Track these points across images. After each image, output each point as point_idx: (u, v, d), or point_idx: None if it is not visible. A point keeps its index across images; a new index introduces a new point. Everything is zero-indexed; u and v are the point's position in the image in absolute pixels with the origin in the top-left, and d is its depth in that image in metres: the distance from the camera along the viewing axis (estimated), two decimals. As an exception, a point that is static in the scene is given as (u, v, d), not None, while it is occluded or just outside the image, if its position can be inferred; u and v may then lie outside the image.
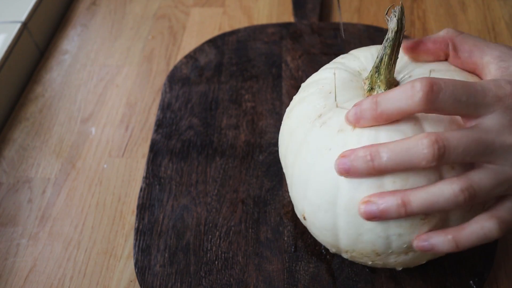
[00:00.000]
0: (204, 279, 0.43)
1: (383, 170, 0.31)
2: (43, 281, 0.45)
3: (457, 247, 0.32)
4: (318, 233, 0.37)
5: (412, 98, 0.30)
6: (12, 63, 0.61)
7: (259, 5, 0.70)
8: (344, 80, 0.38)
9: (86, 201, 0.50)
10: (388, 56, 0.35)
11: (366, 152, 0.31)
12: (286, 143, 0.39)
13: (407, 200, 0.31)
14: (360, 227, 0.34)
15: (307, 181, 0.35)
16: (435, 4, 0.68)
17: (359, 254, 0.36)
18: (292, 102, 0.41)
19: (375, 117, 0.32)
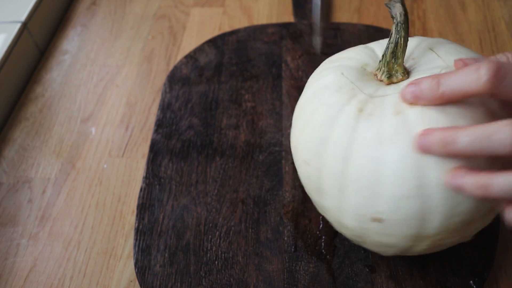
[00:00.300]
0: (204, 279, 0.43)
1: (461, 154, 0.31)
2: (43, 281, 0.45)
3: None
4: (396, 230, 0.34)
5: (478, 80, 0.29)
6: (12, 63, 0.61)
7: (259, 5, 0.70)
8: (357, 76, 0.37)
9: (86, 201, 0.50)
10: (403, 38, 0.35)
11: (445, 134, 0.30)
12: (317, 155, 0.36)
13: (489, 183, 0.30)
14: (457, 198, 0.32)
15: (377, 178, 0.33)
16: (435, 4, 0.68)
17: (448, 234, 0.34)
18: (301, 116, 0.38)
19: (435, 97, 0.31)
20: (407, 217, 0.33)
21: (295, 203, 0.47)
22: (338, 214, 0.36)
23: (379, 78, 0.37)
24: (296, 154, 0.39)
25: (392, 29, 0.36)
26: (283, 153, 0.51)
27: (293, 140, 0.40)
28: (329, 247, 0.44)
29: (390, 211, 0.33)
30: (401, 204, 0.33)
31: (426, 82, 0.32)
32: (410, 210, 0.33)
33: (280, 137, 0.52)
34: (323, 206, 0.38)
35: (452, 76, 0.31)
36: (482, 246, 0.43)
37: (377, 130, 0.33)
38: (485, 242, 0.43)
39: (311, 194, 0.39)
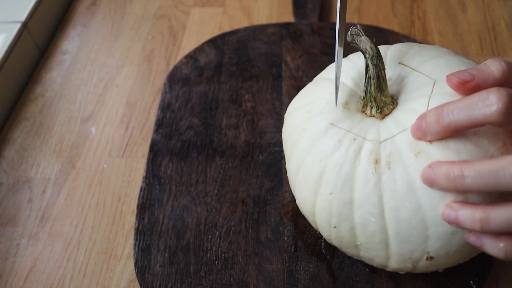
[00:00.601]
0: (204, 279, 0.43)
1: (466, 190, 0.30)
2: (43, 281, 0.45)
3: (509, 256, 0.31)
4: (449, 261, 0.34)
5: (489, 108, 0.28)
6: (12, 63, 0.61)
7: (259, 5, 0.70)
8: (347, 121, 0.36)
9: (86, 201, 0.50)
10: (383, 70, 0.35)
11: (450, 169, 0.30)
12: (346, 217, 0.35)
13: (485, 217, 0.29)
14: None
15: (421, 224, 0.32)
16: (435, 4, 0.68)
17: None
18: (306, 179, 0.36)
19: (442, 129, 0.30)
20: (460, 246, 0.33)
21: (295, 203, 0.47)
22: (384, 261, 0.36)
23: (369, 114, 0.36)
24: (314, 217, 0.38)
25: (367, 63, 0.35)
26: (283, 153, 0.51)
27: (306, 204, 0.38)
28: (329, 247, 0.44)
29: (442, 248, 0.33)
30: (452, 239, 0.32)
31: (430, 115, 0.31)
32: (461, 241, 0.32)
33: (280, 137, 0.52)
34: (363, 256, 0.37)
35: (457, 104, 0.30)
36: (482, 246, 0.43)
37: (404, 177, 0.32)
38: (485, 242, 0.43)
39: (344, 249, 0.38)
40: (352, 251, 0.37)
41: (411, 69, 0.36)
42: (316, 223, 0.38)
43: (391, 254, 0.35)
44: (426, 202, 0.32)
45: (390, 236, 0.34)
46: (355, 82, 0.38)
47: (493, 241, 0.31)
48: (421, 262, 0.34)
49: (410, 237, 0.33)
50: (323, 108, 0.37)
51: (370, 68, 0.34)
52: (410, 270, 0.36)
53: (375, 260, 0.37)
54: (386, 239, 0.34)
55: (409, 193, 0.32)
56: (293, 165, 0.38)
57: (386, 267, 0.37)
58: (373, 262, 0.37)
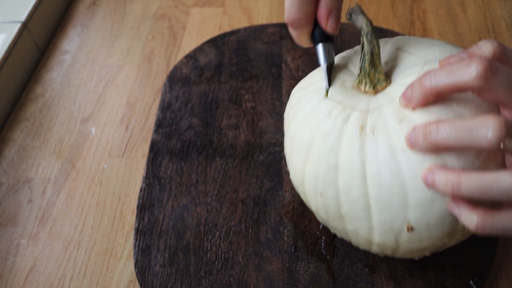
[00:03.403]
0: (204, 279, 0.43)
1: (444, 146, 0.31)
2: (43, 281, 0.45)
3: (479, 229, 0.31)
4: (431, 234, 0.34)
5: (469, 73, 0.29)
6: (12, 63, 0.61)
7: (259, 5, 0.70)
8: (341, 94, 0.37)
9: (86, 201, 0.50)
10: (377, 46, 0.36)
11: (427, 127, 0.31)
12: (331, 183, 0.35)
13: (458, 181, 0.30)
14: None
15: (401, 189, 0.33)
16: (435, 4, 0.68)
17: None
18: (298, 149, 0.37)
19: (425, 94, 0.32)
20: (440, 217, 0.33)
21: (295, 203, 0.47)
22: (368, 234, 0.36)
23: (363, 91, 0.37)
24: (303, 187, 0.38)
25: (363, 40, 0.36)
26: (283, 153, 0.51)
27: (296, 174, 0.39)
28: (329, 247, 0.44)
29: (422, 217, 0.33)
30: (431, 207, 0.33)
31: (416, 82, 0.32)
32: (441, 210, 0.33)
33: (280, 137, 0.52)
34: (348, 231, 0.37)
35: (441, 70, 0.31)
36: (482, 246, 0.43)
37: (386, 142, 0.33)
38: (485, 242, 0.43)
39: (330, 222, 0.38)
40: (338, 223, 0.37)
41: (407, 53, 0.37)
42: (306, 194, 0.38)
43: (374, 224, 0.35)
44: (406, 166, 0.32)
45: (371, 203, 0.34)
46: (354, 65, 0.40)
47: (469, 212, 0.31)
48: (403, 235, 0.34)
49: (390, 203, 0.33)
50: (319, 85, 0.38)
51: (365, 45, 0.36)
52: (393, 247, 0.36)
53: (359, 233, 0.36)
54: (368, 206, 0.34)
55: (390, 157, 0.33)
56: (288, 138, 0.40)
57: (370, 244, 0.37)
58: (358, 237, 0.37)
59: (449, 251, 0.42)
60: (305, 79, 0.42)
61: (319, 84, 0.38)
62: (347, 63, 0.40)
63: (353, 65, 0.40)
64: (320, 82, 0.38)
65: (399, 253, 0.37)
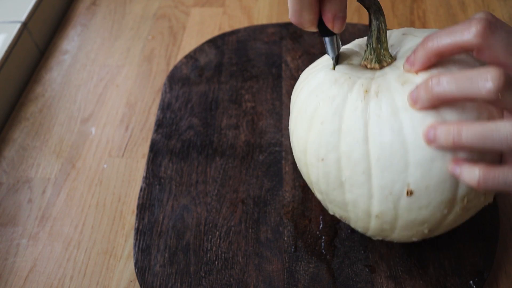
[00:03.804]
0: (204, 279, 0.43)
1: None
2: (43, 281, 0.45)
3: (481, 184, 0.31)
4: (430, 199, 0.34)
5: (468, 31, 0.30)
6: (12, 63, 0.61)
7: (259, 5, 0.70)
8: (348, 68, 0.38)
9: (86, 201, 0.50)
10: (383, 23, 0.37)
11: (428, 80, 0.32)
12: (333, 147, 0.36)
13: (458, 131, 0.31)
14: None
15: (402, 148, 0.33)
16: (435, 4, 0.68)
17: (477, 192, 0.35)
18: (303, 117, 0.38)
19: (427, 54, 0.32)
20: (439, 180, 0.33)
21: (295, 203, 0.47)
22: (367, 203, 0.36)
23: (370, 67, 0.38)
24: (305, 156, 0.38)
25: (370, 18, 0.37)
26: (283, 153, 0.51)
27: (299, 143, 0.39)
28: (329, 247, 0.44)
29: (422, 178, 0.33)
30: (432, 167, 0.33)
31: (418, 47, 0.33)
32: (441, 171, 0.33)
33: (280, 137, 0.52)
34: (347, 202, 0.37)
35: (442, 30, 0.32)
36: (482, 246, 0.43)
37: (389, 103, 0.34)
38: (485, 242, 0.43)
39: (330, 194, 0.38)
40: (337, 194, 0.37)
41: (413, 36, 0.38)
42: (307, 163, 0.38)
43: (373, 190, 0.35)
44: (408, 125, 0.33)
45: (372, 164, 0.34)
46: (362, 48, 0.41)
47: (471, 168, 0.31)
48: (402, 201, 0.34)
49: (391, 163, 0.33)
50: (326, 62, 0.39)
51: (372, 22, 0.37)
52: (392, 219, 0.36)
53: (359, 204, 0.36)
54: (368, 168, 0.34)
55: (393, 117, 0.33)
56: (293, 112, 0.40)
57: (370, 218, 0.37)
58: (357, 209, 0.37)
59: (449, 251, 0.42)
60: (314, 62, 0.43)
61: (327, 62, 0.39)
62: (355, 47, 0.41)
63: (360, 50, 0.41)
64: (328, 61, 0.39)
65: (398, 229, 0.37)
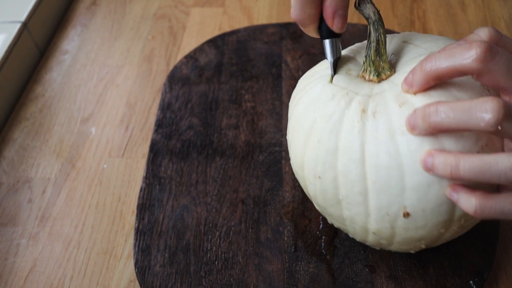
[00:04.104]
0: (204, 279, 0.43)
1: (439, 127, 0.31)
2: (43, 281, 0.45)
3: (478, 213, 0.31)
4: (427, 221, 0.34)
5: (469, 56, 0.30)
6: (12, 63, 0.61)
7: (259, 5, 0.70)
8: (345, 81, 0.37)
9: (86, 201, 0.50)
10: (383, 35, 0.36)
11: (426, 108, 0.31)
12: (330, 166, 0.36)
13: (456, 163, 0.30)
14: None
15: (398, 172, 0.33)
16: (435, 4, 0.68)
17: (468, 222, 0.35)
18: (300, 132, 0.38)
19: (425, 77, 0.32)
20: (436, 203, 0.33)
21: (295, 203, 0.47)
22: (364, 221, 0.36)
23: (368, 79, 0.37)
24: (302, 171, 0.38)
25: (370, 29, 0.36)
26: (283, 153, 0.51)
27: (297, 158, 0.39)
28: (329, 247, 0.44)
29: (418, 202, 0.33)
30: (428, 192, 0.33)
31: (417, 67, 0.33)
32: (438, 195, 0.33)
33: (280, 137, 0.52)
34: (345, 218, 0.37)
35: (441, 53, 0.31)
36: (482, 246, 0.43)
37: (387, 125, 0.33)
38: (485, 242, 0.43)
39: (328, 209, 0.38)
40: (335, 209, 0.37)
41: (413, 46, 0.38)
42: (304, 178, 0.38)
43: (370, 209, 0.35)
44: (405, 149, 0.33)
45: (369, 185, 0.34)
46: (362, 57, 0.40)
47: (468, 195, 0.31)
48: (399, 221, 0.34)
49: (387, 186, 0.33)
50: (324, 72, 0.39)
51: (371, 33, 0.36)
52: (389, 235, 0.36)
53: (356, 220, 0.36)
54: (365, 189, 0.34)
55: (389, 139, 0.33)
56: (291, 124, 0.40)
57: (366, 232, 0.37)
58: (354, 224, 0.37)
59: (449, 251, 0.42)
60: (312, 68, 0.42)
61: (325, 72, 0.39)
62: (355, 54, 0.40)
63: (360, 57, 0.40)
64: (326, 70, 0.39)
65: (395, 244, 0.37)
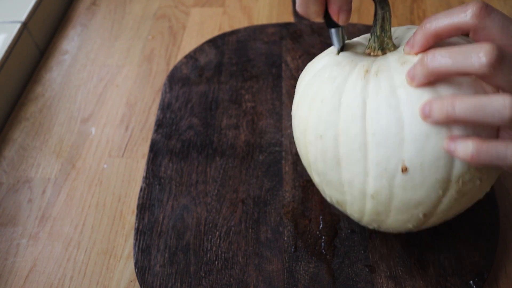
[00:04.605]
0: (204, 279, 0.43)
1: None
2: (43, 281, 0.45)
3: (474, 158, 0.32)
4: (425, 177, 0.34)
5: (465, 13, 0.32)
6: (12, 63, 0.61)
7: (259, 5, 0.70)
8: (351, 55, 0.39)
9: (86, 201, 0.50)
10: (388, 12, 0.38)
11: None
12: (332, 124, 0.36)
13: (452, 104, 0.31)
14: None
15: (398, 123, 0.34)
16: (435, 4, 0.68)
17: (475, 172, 0.35)
18: (305, 99, 0.39)
19: (425, 36, 0.34)
20: (434, 157, 0.33)
21: (295, 203, 0.47)
22: (363, 181, 0.36)
23: (373, 54, 0.39)
24: (305, 136, 0.39)
25: (376, 7, 0.38)
26: (283, 153, 0.51)
27: (300, 124, 0.39)
28: (329, 247, 0.44)
29: (416, 155, 0.33)
30: (426, 143, 0.33)
31: (417, 30, 0.35)
32: (436, 148, 0.33)
33: (280, 137, 0.52)
34: (343, 182, 0.37)
35: (439, 13, 0.33)
36: (482, 246, 0.43)
37: (388, 81, 0.35)
38: (485, 242, 0.43)
39: (327, 174, 0.38)
40: (334, 174, 0.37)
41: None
42: (306, 142, 0.39)
43: (369, 167, 0.35)
44: (405, 100, 0.34)
45: (368, 139, 0.35)
46: (366, 40, 0.42)
47: (464, 142, 0.32)
48: (397, 179, 0.34)
49: (386, 138, 0.34)
50: (330, 51, 0.41)
51: (378, 11, 0.38)
52: (388, 198, 0.36)
53: (355, 184, 0.36)
54: (364, 144, 0.35)
55: (390, 93, 0.34)
56: (297, 96, 0.41)
57: (365, 199, 0.37)
58: (353, 190, 0.37)
59: (449, 251, 0.42)
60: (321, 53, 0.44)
61: (331, 50, 0.41)
62: (360, 40, 0.42)
63: (364, 40, 0.42)
64: (333, 50, 0.41)
65: (392, 213, 0.37)
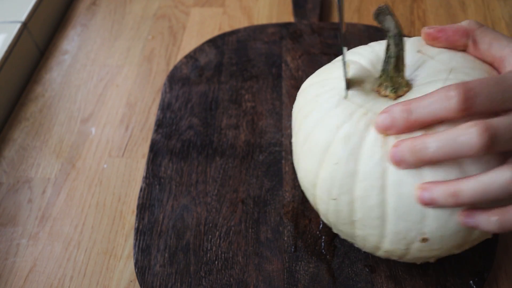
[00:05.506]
0: (204, 279, 0.43)
1: (432, 160, 0.31)
2: (43, 281, 0.45)
3: (501, 229, 0.31)
4: (443, 245, 0.34)
5: (448, 104, 0.30)
6: (12, 63, 0.61)
7: (259, 5, 0.70)
8: (361, 97, 0.36)
9: (86, 201, 0.50)
10: (403, 50, 0.35)
11: (414, 142, 0.31)
12: (347, 189, 0.35)
13: (457, 190, 0.30)
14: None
15: (408, 202, 0.33)
16: (435, 4, 0.68)
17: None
18: (312, 149, 0.36)
19: (408, 125, 0.32)
20: (455, 230, 0.33)
21: (295, 203, 0.47)
22: (378, 241, 0.36)
23: (384, 94, 0.36)
24: (314, 189, 0.37)
25: (389, 42, 0.35)
26: (283, 153, 0.51)
27: (307, 175, 0.37)
28: (329, 247, 0.44)
29: (437, 229, 0.33)
30: (449, 220, 0.33)
31: (397, 111, 0.32)
32: (457, 225, 0.33)
33: (280, 137, 0.52)
34: (356, 235, 0.37)
35: (422, 101, 0.31)
36: (482, 246, 0.43)
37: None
38: (485, 242, 0.43)
39: (339, 226, 0.38)
40: (346, 228, 0.37)
41: (428, 57, 0.36)
42: (316, 195, 0.38)
43: (387, 233, 0.34)
44: (429, 176, 0.32)
45: (388, 212, 0.33)
46: (373, 64, 0.38)
47: (486, 216, 0.31)
48: (414, 244, 0.34)
49: (408, 214, 0.33)
50: (337, 84, 0.37)
51: (391, 47, 0.35)
52: (401, 254, 0.36)
53: (368, 239, 0.36)
54: (384, 215, 0.34)
55: (413, 170, 0.32)
56: (300, 136, 0.38)
57: (377, 249, 0.37)
58: (366, 242, 0.37)
59: (449, 251, 0.42)
60: (319, 73, 0.41)
61: (337, 82, 0.37)
62: (364, 61, 0.39)
63: (369, 64, 0.39)
64: (338, 80, 0.37)
65: (404, 260, 0.37)
